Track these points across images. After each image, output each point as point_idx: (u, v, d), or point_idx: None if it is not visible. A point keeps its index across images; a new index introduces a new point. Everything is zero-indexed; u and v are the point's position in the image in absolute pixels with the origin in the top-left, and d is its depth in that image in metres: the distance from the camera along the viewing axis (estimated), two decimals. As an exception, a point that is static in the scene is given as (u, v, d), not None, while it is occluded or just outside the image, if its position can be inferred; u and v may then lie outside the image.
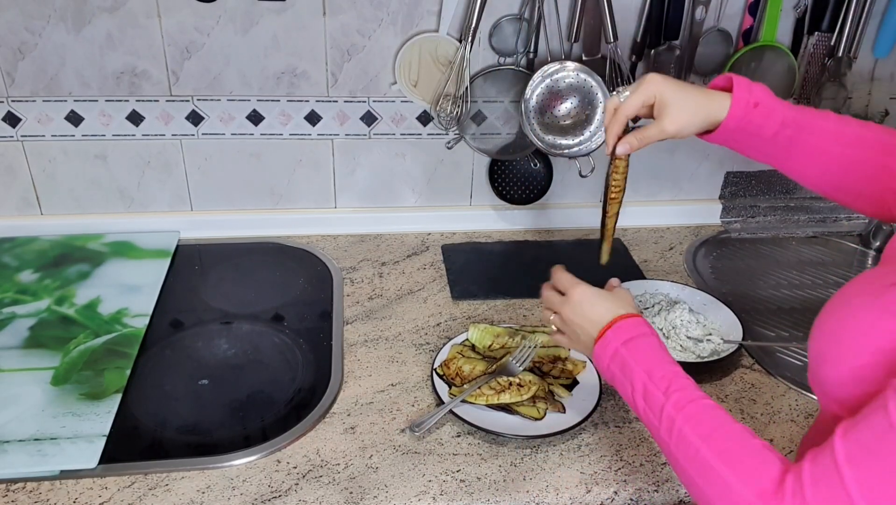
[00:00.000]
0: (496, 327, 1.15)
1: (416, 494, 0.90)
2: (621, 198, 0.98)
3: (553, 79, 1.28)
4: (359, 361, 1.12)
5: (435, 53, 1.30)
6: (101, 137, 1.32)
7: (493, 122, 1.38)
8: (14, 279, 1.26)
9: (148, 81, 1.28)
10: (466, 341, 1.14)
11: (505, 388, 1.03)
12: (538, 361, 1.09)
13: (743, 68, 1.37)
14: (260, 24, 1.25)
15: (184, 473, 0.92)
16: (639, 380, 0.75)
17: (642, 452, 0.97)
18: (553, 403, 1.02)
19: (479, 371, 1.06)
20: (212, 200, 1.41)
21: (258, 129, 1.35)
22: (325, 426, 1.00)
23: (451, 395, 1.03)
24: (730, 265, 1.43)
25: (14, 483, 0.89)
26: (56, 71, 1.25)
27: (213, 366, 1.11)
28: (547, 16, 1.28)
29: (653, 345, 0.79)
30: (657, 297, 1.23)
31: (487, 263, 1.38)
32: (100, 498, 0.88)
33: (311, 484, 0.91)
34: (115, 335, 1.14)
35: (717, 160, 1.50)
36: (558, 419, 1.00)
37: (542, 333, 1.13)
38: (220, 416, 1.01)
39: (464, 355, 1.10)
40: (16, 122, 1.29)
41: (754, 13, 1.33)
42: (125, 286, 1.25)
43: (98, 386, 1.03)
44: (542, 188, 1.45)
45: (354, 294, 1.28)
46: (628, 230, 1.51)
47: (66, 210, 1.38)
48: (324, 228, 1.45)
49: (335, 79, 1.32)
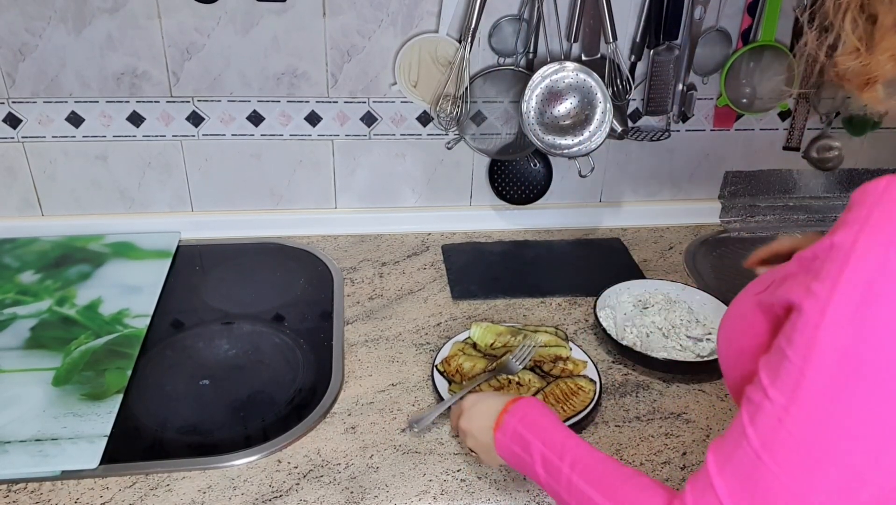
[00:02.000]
0: (498, 326, 1.15)
1: (416, 494, 0.90)
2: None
3: (553, 79, 1.28)
4: (359, 361, 1.12)
5: (435, 54, 1.30)
6: (102, 138, 1.33)
7: (493, 123, 1.38)
8: (15, 280, 1.26)
9: (148, 82, 1.28)
10: (468, 339, 1.14)
11: (504, 385, 1.04)
12: (539, 361, 1.09)
13: (742, 68, 1.37)
14: (260, 25, 1.26)
15: (185, 473, 0.92)
16: (537, 451, 0.76)
17: (642, 452, 0.97)
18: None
19: (479, 369, 1.07)
20: (212, 201, 1.42)
21: (258, 129, 1.35)
22: (325, 426, 1.00)
23: (450, 392, 1.03)
24: (729, 264, 1.43)
25: (15, 483, 0.90)
26: (56, 72, 1.26)
27: (213, 366, 1.11)
28: (546, 16, 1.29)
29: (546, 415, 0.80)
30: (657, 296, 1.23)
31: (487, 262, 1.39)
32: (101, 498, 0.88)
33: (311, 484, 0.91)
34: (116, 336, 1.14)
35: (717, 160, 1.50)
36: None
37: (544, 333, 1.13)
38: (220, 416, 1.01)
39: (465, 353, 1.10)
40: (16, 124, 1.29)
41: (753, 13, 1.33)
42: (126, 287, 1.25)
43: (99, 386, 1.04)
44: (542, 188, 1.45)
45: (355, 294, 1.28)
46: (628, 230, 1.51)
47: (66, 211, 1.39)
48: (324, 229, 1.45)
49: (335, 79, 1.32)
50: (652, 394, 1.07)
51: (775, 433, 0.55)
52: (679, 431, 1.01)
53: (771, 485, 0.55)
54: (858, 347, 0.52)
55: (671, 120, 1.42)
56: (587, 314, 1.24)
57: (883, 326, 0.52)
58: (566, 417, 0.99)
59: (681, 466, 0.95)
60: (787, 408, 0.55)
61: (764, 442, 0.56)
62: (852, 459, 0.53)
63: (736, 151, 1.50)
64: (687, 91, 1.38)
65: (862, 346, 0.52)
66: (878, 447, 0.53)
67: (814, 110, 1.43)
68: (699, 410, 1.05)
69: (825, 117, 1.45)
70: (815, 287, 0.55)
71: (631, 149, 1.46)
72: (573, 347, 1.12)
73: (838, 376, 0.53)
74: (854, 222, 0.53)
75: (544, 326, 1.16)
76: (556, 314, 1.24)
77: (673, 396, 1.07)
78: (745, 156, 1.51)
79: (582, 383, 1.04)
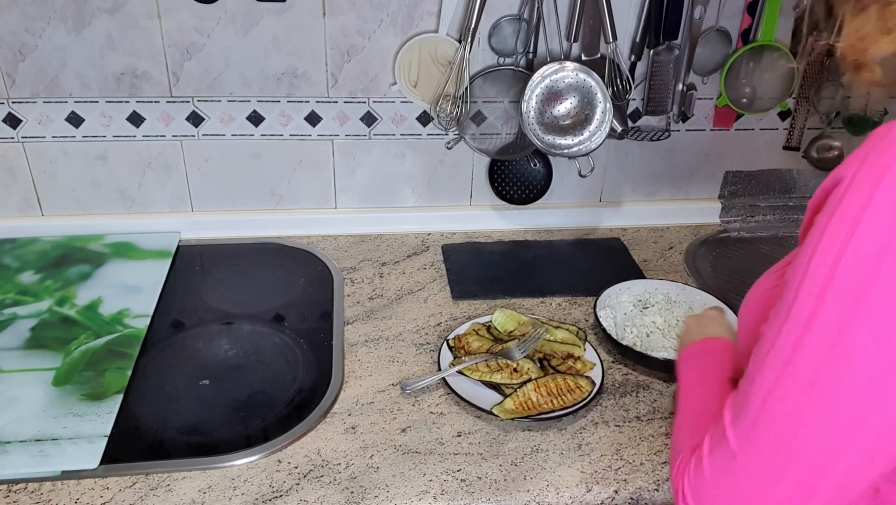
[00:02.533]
0: (522, 316, 1.18)
1: (416, 494, 0.90)
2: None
3: (552, 79, 1.28)
4: (359, 361, 1.12)
5: (434, 54, 1.30)
6: (102, 138, 1.33)
7: (493, 123, 1.38)
8: (15, 280, 1.26)
9: (148, 82, 1.28)
10: (489, 324, 1.17)
11: (502, 368, 1.06)
12: (549, 355, 1.10)
13: (742, 68, 1.37)
14: (260, 25, 1.26)
15: (185, 473, 0.92)
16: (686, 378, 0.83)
17: (642, 452, 0.97)
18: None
19: (485, 350, 1.10)
20: (212, 201, 1.42)
21: (258, 129, 1.35)
22: (325, 426, 1.00)
23: (450, 365, 1.07)
24: (729, 264, 1.43)
25: (15, 484, 0.90)
26: (56, 72, 1.26)
27: (214, 366, 1.11)
28: (546, 16, 1.29)
29: (722, 355, 0.84)
30: (657, 296, 1.23)
31: (487, 262, 1.39)
32: (101, 498, 0.88)
33: (312, 484, 0.91)
34: (116, 336, 1.14)
35: (717, 159, 1.50)
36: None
37: (565, 330, 1.14)
38: (221, 416, 1.01)
39: (478, 333, 1.14)
40: (16, 124, 1.29)
41: (753, 13, 1.33)
42: (126, 287, 1.25)
43: (99, 386, 1.04)
44: (542, 188, 1.45)
45: (355, 294, 1.28)
46: (628, 230, 1.51)
47: (66, 211, 1.39)
48: (324, 229, 1.45)
49: (335, 79, 1.32)
50: (652, 394, 1.07)
51: (779, 379, 0.58)
52: (679, 430, 1.01)
53: (769, 429, 0.58)
54: (839, 269, 0.54)
55: (671, 120, 1.42)
56: (587, 314, 1.24)
57: (863, 250, 0.53)
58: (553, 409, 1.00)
59: (681, 466, 0.95)
60: (795, 348, 0.57)
61: (769, 389, 0.58)
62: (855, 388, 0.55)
63: (736, 151, 1.50)
64: (687, 91, 1.38)
65: (841, 265, 0.54)
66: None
67: (814, 110, 1.43)
68: (699, 409, 1.05)
69: (825, 117, 1.45)
70: (817, 219, 0.58)
71: (631, 149, 1.46)
72: (588, 348, 1.13)
73: (831, 312, 0.55)
74: (854, 159, 0.56)
75: (566, 324, 1.17)
76: (556, 314, 1.24)
77: (673, 396, 1.07)
78: (745, 156, 1.51)
79: (582, 383, 1.04)
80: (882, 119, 1.47)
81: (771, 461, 0.58)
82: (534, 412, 0.99)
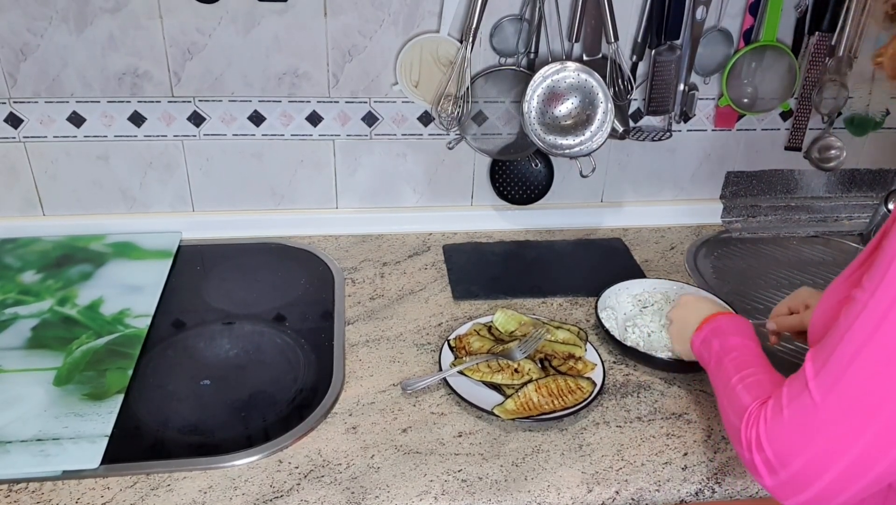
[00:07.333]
0: (523, 316, 1.18)
1: (417, 494, 0.90)
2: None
3: (554, 79, 1.28)
4: (360, 361, 1.12)
5: (436, 54, 1.30)
6: (103, 138, 1.33)
7: (494, 123, 1.38)
8: (16, 280, 1.26)
9: (150, 82, 1.29)
10: (490, 324, 1.17)
11: (503, 369, 1.06)
12: (551, 355, 1.10)
13: (743, 68, 1.37)
14: (261, 24, 1.26)
15: (186, 473, 0.92)
16: (714, 353, 0.91)
17: (644, 452, 0.97)
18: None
19: (486, 350, 1.10)
20: (213, 201, 1.42)
21: (259, 129, 1.35)
22: (326, 426, 1.00)
23: (451, 365, 1.07)
24: (731, 265, 1.43)
25: (17, 483, 0.90)
26: (58, 72, 1.26)
27: (214, 366, 1.11)
28: (548, 16, 1.28)
29: (736, 328, 0.93)
30: (657, 296, 1.23)
31: (488, 263, 1.39)
32: (102, 498, 0.88)
33: (312, 484, 0.91)
34: (117, 335, 1.14)
35: (718, 160, 1.50)
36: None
37: (566, 330, 1.14)
38: (221, 416, 1.01)
39: (479, 334, 1.14)
40: (18, 124, 1.30)
41: (755, 13, 1.33)
42: (127, 287, 1.26)
43: (100, 386, 1.04)
44: (543, 188, 1.45)
45: (356, 294, 1.28)
46: (629, 230, 1.51)
47: (68, 211, 1.39)
48: (325, 229, 1.45)
49: (336, 79, 1.32)
50: (653, 394, 1.07)
51: (868, 341, 0.61)
52: (680, 431, 1.01)
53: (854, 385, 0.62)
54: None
55: (672, 120, 1.42)
56: (588, 314, 1.24)
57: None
58: (553, 410, 1.00)
59: (682, 467, 0.95)
60: (886, 313, 0.61)
61: (857, 349, 0.62)
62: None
63: (737, 151, 1.50)
64: (688, 91, 1.38)
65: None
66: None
67: (815, 110, 1.43)
68: (700, 410, 1.05)
69: (827, 117, 1.44)
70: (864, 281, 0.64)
71: (632, 149, 1.46)
72: (589, 348, 1.13)
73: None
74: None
75: (567, 325, 1.17)
76: (557, 314, 1.24)
77: (674, 396, 1.07)
78: (746, 156, 1.50)
79: (583, 384, 1.04)
80: (884, 119, 1.47)
81: (852, 416, 0.61)
82: (535, 413, 0.99)
